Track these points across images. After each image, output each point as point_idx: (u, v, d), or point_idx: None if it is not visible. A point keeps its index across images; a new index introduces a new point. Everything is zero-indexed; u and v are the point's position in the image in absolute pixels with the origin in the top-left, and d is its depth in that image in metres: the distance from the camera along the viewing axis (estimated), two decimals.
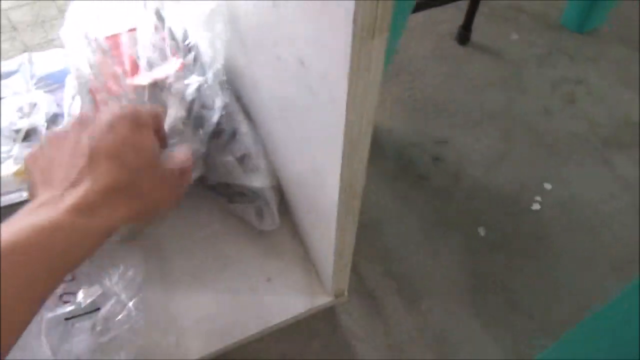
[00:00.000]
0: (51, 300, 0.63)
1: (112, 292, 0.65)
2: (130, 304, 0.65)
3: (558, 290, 0.83)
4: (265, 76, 0.57)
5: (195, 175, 0.72)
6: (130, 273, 0.68)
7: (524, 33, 1.27)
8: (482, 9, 1.20)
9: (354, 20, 0.28)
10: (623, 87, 1.15)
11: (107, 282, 0.65)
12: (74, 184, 0.37)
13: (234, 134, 0.76)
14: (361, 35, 0.29)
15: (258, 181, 0.72)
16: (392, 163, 1.02)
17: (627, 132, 1.06)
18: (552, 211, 0.94)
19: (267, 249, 0.75)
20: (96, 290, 0.64)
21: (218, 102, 0.71)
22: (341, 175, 0.42)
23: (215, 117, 0.71)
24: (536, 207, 0.94)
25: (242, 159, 0.74)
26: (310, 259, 0.74)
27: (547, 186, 0.97)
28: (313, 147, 0.48)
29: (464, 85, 1.15)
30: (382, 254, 0.89)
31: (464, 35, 1.20)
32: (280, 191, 0.75)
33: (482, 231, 0.92)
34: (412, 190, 0.98)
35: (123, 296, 0.65)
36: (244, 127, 0.76)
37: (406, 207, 0.96)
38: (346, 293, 0.73)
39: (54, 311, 0.61)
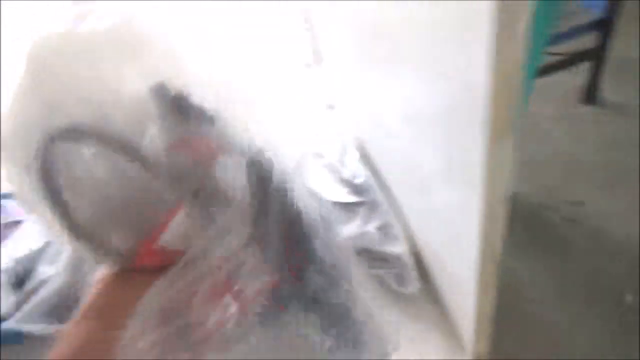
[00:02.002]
0: None
1: None
2: None
3: None
4: (407, 155, 0.66)
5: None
6: None
7: None
8: (611, 65, 1.19)
9: (488, 127, 0.35)
10: None
11: None
12: None
13: (373, 205, 0.86)
14: (492, 138, 0.36)
15: (397, 248, 0.80)
16: (523, 227, 1.03)
17: None
18: None
19: (408, 312, 0.80)
20: None
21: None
22: (479, 245, 0.48)
23: None
24: None
25: (381, 228, 0.82)
26: (449, 323, 0.78)
27: None
28: (452, 219, 0.55)
29: (593, 145, 1.14)
30: (521, 320, 0.89)
31: (590, 94, 1.20)
32: (417, 256, 0.82)
33: (629, 298, 0.88)
34: (548, 254, 0.97)
35: None
36: (382, 199, 0.85)
37: (543, 271, 0.95)
38: (487, 356, 0.75)
39: None
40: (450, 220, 0.56)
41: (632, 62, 1.29)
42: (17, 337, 0.76)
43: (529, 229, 1.01)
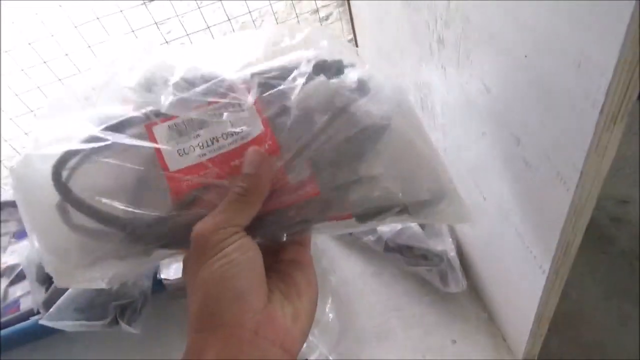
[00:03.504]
0: None
1: (314, 345, 0.72)
2: (331, 357, 0.71)
3: None
4: (459, 147, 0.62)
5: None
6: (326, 329, 0.75)
7: None
8: None
9: (601, 113, 0.31)
10: None
11: (309, 337, 0.73)
12: None
13: None
14: (604, 126, 0.32)
15: (441, 245, 0.76)
16: None
17: None
18: None
19: (450, 311, 0.77)
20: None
21: None
22: (558, 243, 0.44)
23: None
24: None
25: (425, 224, 0.79)
26: (496, 324, 0.74)
27: None
28: (520, 215, 0.51)
29: None
30: (566, 320, 0.85)
31: None
32: (461, 254, 0.78)
33: None
34: (594, 253, 0.93)
35: (324, 350, 0.72)
36: None
37: (588, 271, 0.91)
38: (536, 359, 0.71)
39: None
40: (515, 216, 0.52)
41: None
42: (48, 334, 0.74)
43: None
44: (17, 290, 0.83)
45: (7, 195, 0.96)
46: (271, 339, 0.29)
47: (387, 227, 0.80)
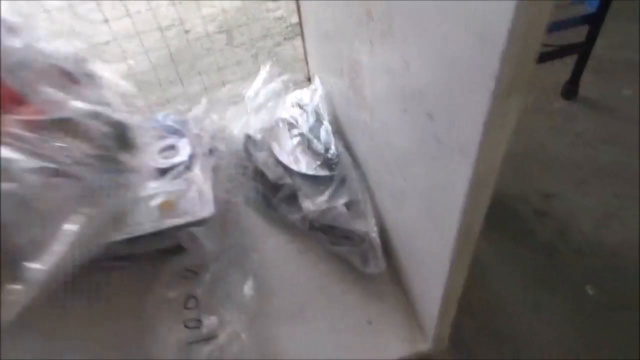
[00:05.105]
0: (177, 325, 0.69)
1: (227, 322, 0.70)
2: (243, 335, 0.69)
3: None
4: (385, 128, 0.62)
5: None
6: (243, 306, 0.73)
7: (638, 88, 1.22)
8: (590, 63, 1.18)
9: (497, 81, 0.31)
10: None
11: (223, 312, 0.71)
12: None
13: (343, 181, 0.81)
14: (499, 95, 0.32)
15: (364, 226, 0.76)
16: (493, 215, 1.01)
17: None
18: None
19: (369, 292, 0.77)
20: (214, 320, 0.69)
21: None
22: (461, 219, 0.44)
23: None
24: None
25: (350, 205, 0.78)
26: (411, 305, 0.75)
27: None
28: (432, 194, 0.51)
29: (571, 140, 1.13)
30: (483, 307, 0.87)
31: (570, 90, 1.19)
32: (383, 235, 0.78)
33: (590, 290, 0.87)
34: (515, 244, 0.96)
35: (237, 327, 0.70)
36: (352, 175, 0.80)
37: (508, 261, 0.94)
38: (446, 342, 0.72)
39: (179, 335, 0.68)
40: (429, 195, 0.52)
41: (610, 59, 1.29)
42: None
43: (498, 218, 0.99)
44: None
45: None
46: None
47: (313, 207, 0.79)
